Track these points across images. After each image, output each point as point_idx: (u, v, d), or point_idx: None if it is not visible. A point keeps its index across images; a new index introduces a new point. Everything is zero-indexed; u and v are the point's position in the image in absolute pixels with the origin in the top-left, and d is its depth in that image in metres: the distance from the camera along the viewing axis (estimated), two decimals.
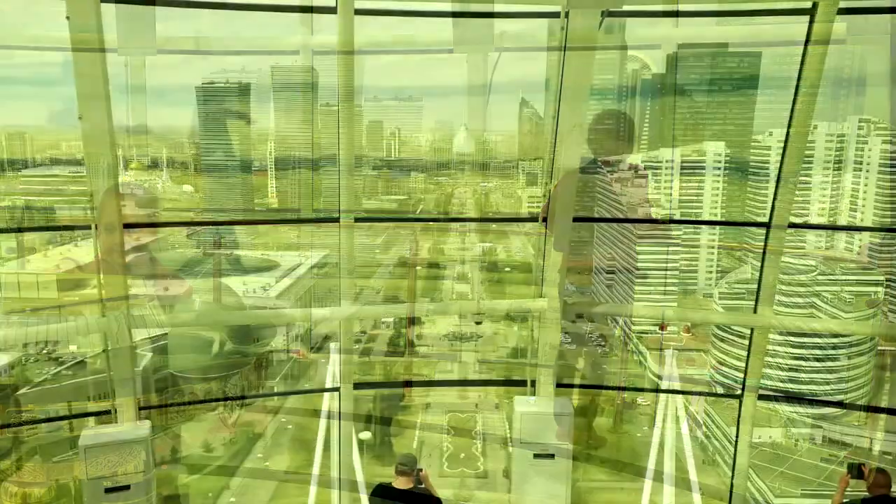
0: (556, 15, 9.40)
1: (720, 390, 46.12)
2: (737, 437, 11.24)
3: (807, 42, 8.99)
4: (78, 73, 8.15)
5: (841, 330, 56.80)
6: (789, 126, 9.59)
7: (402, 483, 7.80)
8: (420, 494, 7.86)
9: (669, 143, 51.89)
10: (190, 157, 55.05)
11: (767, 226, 10.20)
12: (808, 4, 8.88)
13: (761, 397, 11.15)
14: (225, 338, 44.65)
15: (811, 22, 8.89)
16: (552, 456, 10.30)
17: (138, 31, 8.65)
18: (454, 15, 10.20)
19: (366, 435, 40.82)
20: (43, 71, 52.18)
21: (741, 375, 11.27)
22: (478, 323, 49.30)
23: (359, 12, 8.95)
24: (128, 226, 9.58)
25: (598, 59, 9.56)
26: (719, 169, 50.08)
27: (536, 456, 10.36)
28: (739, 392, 11.07)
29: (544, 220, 10.53)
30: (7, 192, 49.68)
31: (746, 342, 11.16)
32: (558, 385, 11.03)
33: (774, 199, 9.99)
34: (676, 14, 9.77)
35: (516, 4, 10.19)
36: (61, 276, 43.61)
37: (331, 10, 8.97)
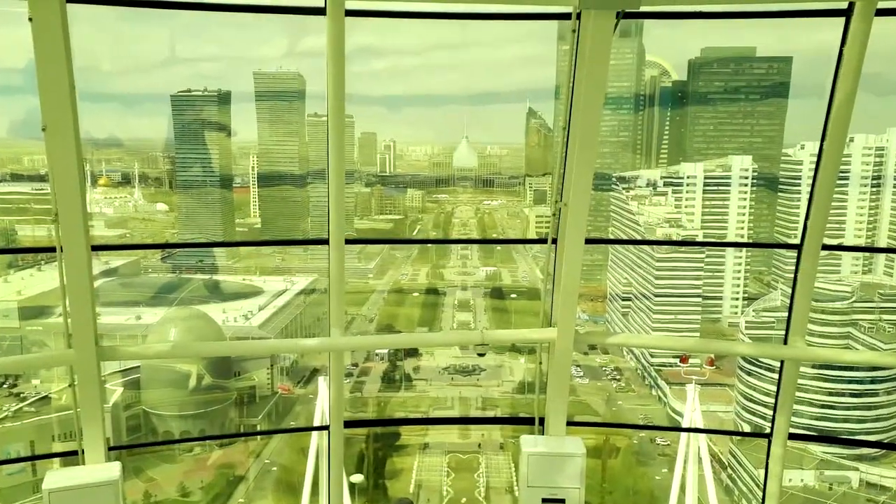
0: (566, 17, 9.41)
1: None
2: (765, 480, 11.19)
3: (842, 45, 8.99)
4: (42, 80, 8.11)
5: (879, 363, 56.66)
6: (823, 138, 9.59)
7: None
8: None
9: (691, 157, 51.89)
10: (164, 173, 55.01)
11: (799, 248, 10.19)
12: (844, 5, 8.88)
13: (792, 437, 11.10)
14: (203, 371, 44.55)
15: (847, 23, 8.90)
16: (563, 501, 10.25)
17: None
18: (453, 16, 10.22)
19: (358, 478, 40.77)
20: (3, 77, 52.23)
21: (769, 412, 11.25)
22: (480, 355, 49.18)
23: (350, 13, 8.91)
24: (97, 248, 9.55)
25: (614, 64, 9.57)
26: (746, 185, 50.04)
27: (545, 501, 10.30)
28: (768, 431, 11.03)
29: (554, 241, 10.52)
30: None
31: (776, 376, 11.13)
32: (569, 423, 10.99)
33: (807, 218, 9.99)
34: (699, 15, 9.79)
35: (522, 5, 10.19)
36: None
37: (319, 12, 8.95)
